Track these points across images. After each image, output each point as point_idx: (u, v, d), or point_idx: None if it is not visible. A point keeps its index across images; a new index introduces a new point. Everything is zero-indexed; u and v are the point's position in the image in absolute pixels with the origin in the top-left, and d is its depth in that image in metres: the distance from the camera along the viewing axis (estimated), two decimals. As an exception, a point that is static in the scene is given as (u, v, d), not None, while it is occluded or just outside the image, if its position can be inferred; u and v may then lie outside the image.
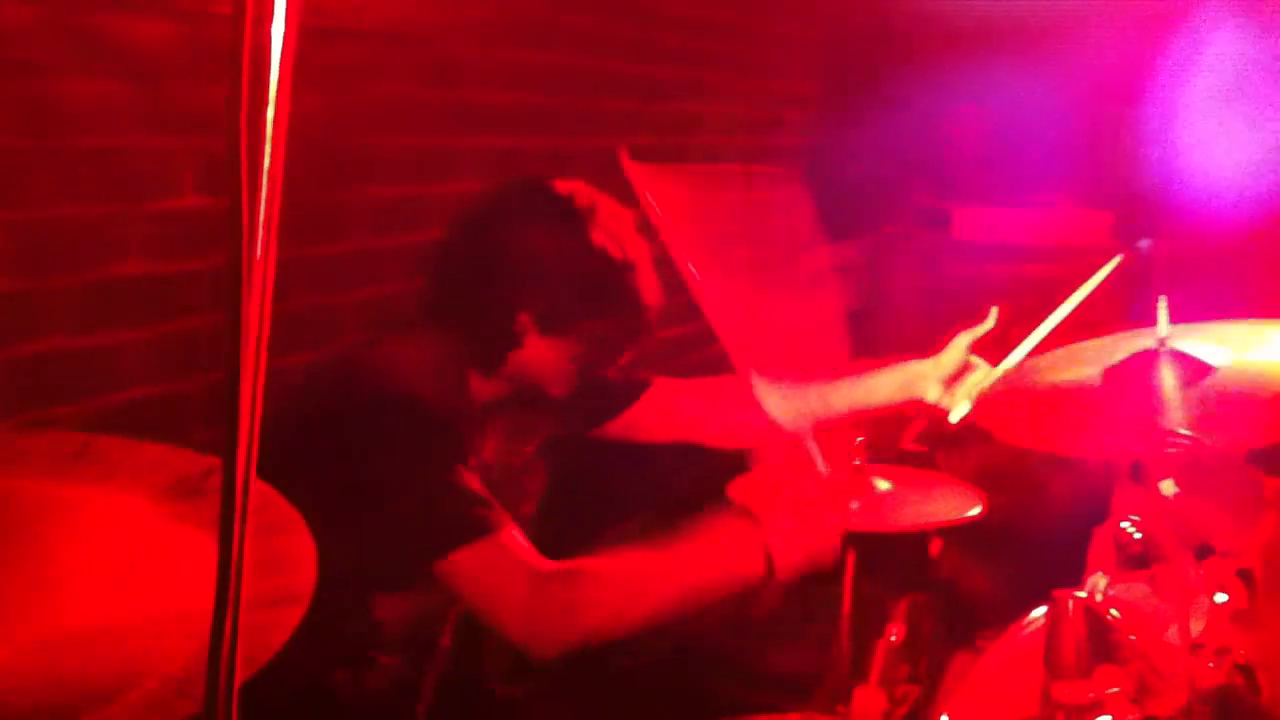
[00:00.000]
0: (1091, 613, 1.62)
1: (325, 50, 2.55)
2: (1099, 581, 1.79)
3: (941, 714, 1.97)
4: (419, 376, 2.01)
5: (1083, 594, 1.63)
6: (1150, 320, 1.94)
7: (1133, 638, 1.67)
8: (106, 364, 2.26)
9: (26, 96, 2.08)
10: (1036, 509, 4.38)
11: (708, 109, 4.47)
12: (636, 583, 1.99)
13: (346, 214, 2.73)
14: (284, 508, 1.17)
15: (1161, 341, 1.91)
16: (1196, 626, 1.68)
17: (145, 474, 1.18)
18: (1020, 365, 2.23)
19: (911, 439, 3.57)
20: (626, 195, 2.11)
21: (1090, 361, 1.97)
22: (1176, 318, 1.95)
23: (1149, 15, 5.05)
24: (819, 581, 2.38)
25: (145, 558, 1.17)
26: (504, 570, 1.89)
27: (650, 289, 2.15)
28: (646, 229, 2.17)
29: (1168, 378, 1.91)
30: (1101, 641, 1.63)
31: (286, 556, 1.17)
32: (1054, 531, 4.40)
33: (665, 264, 2.13)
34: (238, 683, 0.91)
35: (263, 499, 1.05)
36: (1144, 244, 4.78)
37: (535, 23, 3.44)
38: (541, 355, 2.10)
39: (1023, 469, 4.49)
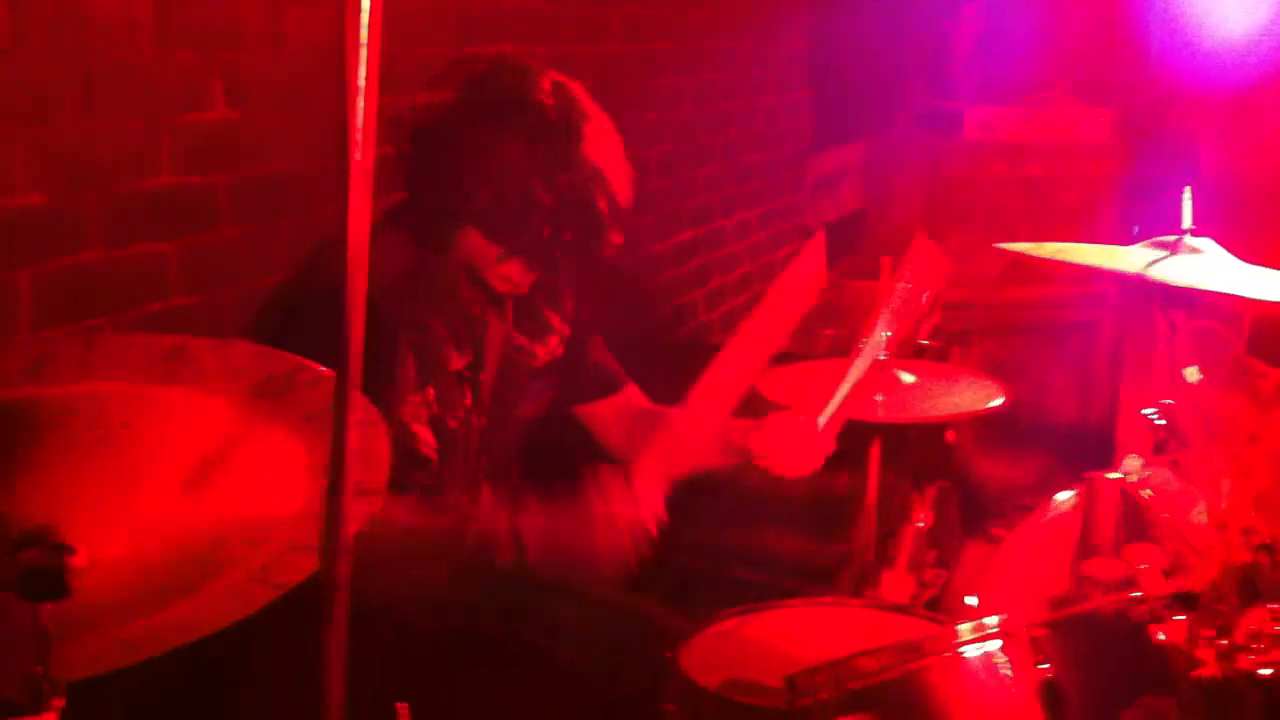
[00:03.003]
0: (1126, 493, 1.68)
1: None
2: (1133, 463, 1.85)
3: (967, 595, 2.03)
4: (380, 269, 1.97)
5: (1117, 475, 1.69)
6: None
7: (1166, 516, 1.74)
8: (140, 276, 2.29)
9: (51, 15, 2.09)
10: (1043, 400, 4.46)
11: (708, 13, 4.45)
12: None
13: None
14: (366, 405, 1.20)
15: (1186, 232, 1.96)
16: (1222, 507, 1.75)
17: (235, 375, 1.22)
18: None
19: (927, 334, 3.62)
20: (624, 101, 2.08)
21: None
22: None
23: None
24: (841, 472, 2.45)
25: (232, 458, 1.22)
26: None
27: (609, 190, 2.05)
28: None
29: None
30: (1136, 520, 1.69)
31: (367, 452, 1.21)
32: (1058, 420, 4.50)
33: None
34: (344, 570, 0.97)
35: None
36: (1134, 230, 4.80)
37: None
38: (473, 242, 2.06)
39: (1028, 362, 4.57)
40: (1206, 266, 1.90)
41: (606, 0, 3.78)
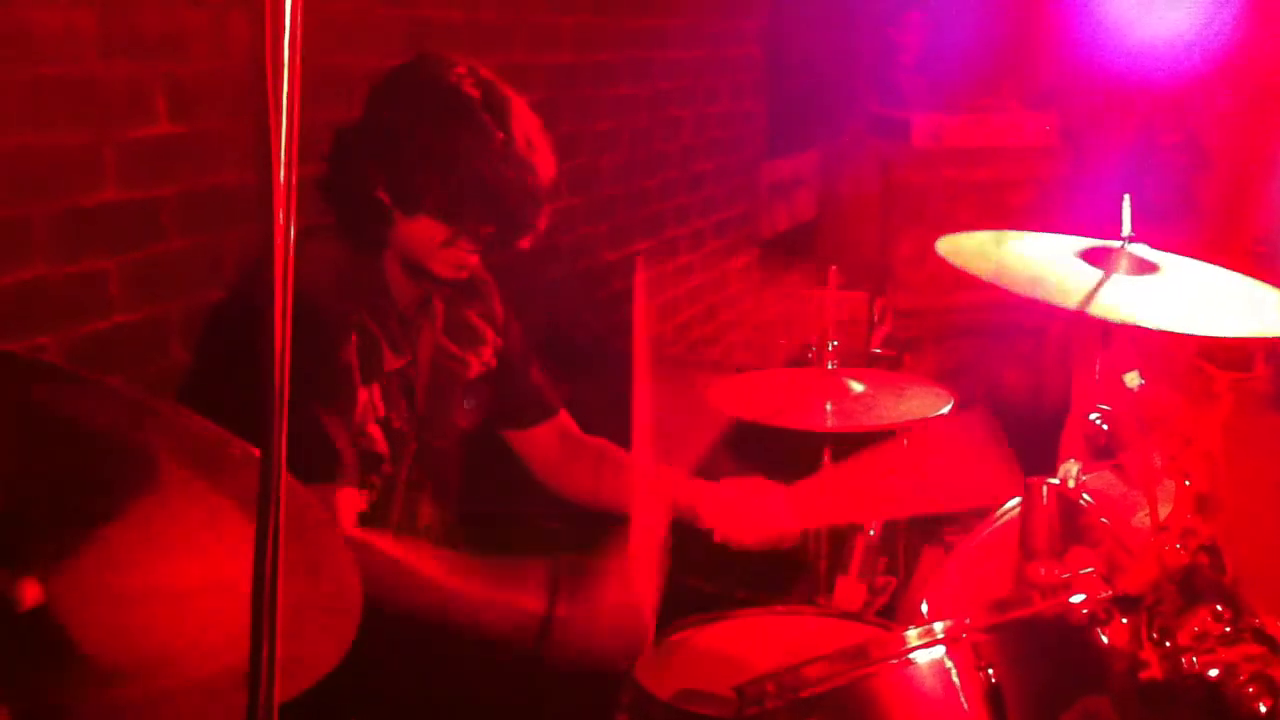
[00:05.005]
0: (1064, 498, 1.70)
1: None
2: (1071, 468, 1.87)
3: (921, 601, 2.05)
4: (320, 272, 2.00)
5: (1055, 480, 1.71)
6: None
7: (1104, 520, 1.76)
8: (84, 292, 2.28)
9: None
10: (995, 405, 4.50)
11: (660, 21, 4.47)
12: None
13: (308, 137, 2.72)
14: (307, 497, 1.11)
15: (1127, 239, 1.98)
16: (1163, 510, 1.77)
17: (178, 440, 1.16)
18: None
19: (879, 343, 3.65)
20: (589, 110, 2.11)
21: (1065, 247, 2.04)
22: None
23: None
24: (794, 481, 2.46)
25: (194, 532, 1.14)
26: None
27: (525, 168, 2.04)
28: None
29: (1125, 269, 1.98)
30: (1074, 525, 1.71)
31: (321, 564, 1.14)
32: (1013, 425, 4.53)
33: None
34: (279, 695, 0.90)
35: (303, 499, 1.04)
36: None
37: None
38: (410, 235, 2.06)
39: (977, 366, 4.61)
40: (1146, 292, 1.92)
41: (558, 10, 3.78)
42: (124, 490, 1.10)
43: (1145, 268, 1.99)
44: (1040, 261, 2.00)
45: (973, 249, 2.07)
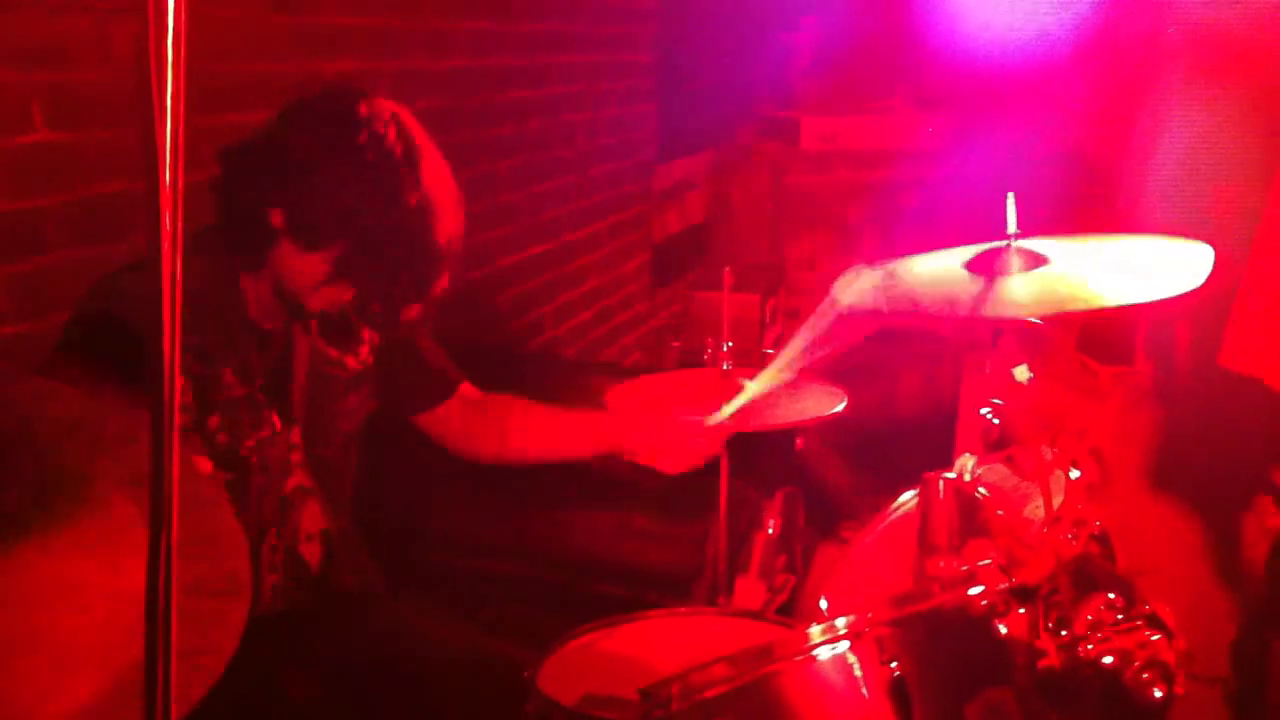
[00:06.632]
0: (960, 491, 1.73)
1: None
2: (966, 462, 1.90)
3: (820, 597, 2.07)
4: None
5: (951, 475, 1.74)
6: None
7: (1000, 513, 1.79)
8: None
9: None
10: (889, 402, 4.57)
11: (555, 27, 4.46)
12: None
13: (200, 143, 2.67)
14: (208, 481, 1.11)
15: (1011, 237, 2.01)
16: (1055, 501, 1.81)
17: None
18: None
19: (770, 343, 3.68)
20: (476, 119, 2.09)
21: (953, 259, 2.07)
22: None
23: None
24: (691, 481, 2.47)
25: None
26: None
27: (435, 225, 1.99)
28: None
29: (1015, 268, 2.02)
30: (971, 518, 1.74)
31: (221, 537, 1.11)
32: (905, 422, 4.61)
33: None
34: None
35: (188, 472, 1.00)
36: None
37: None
38: (291, 265, 2.00)
39: (875, 365, 4.68)
40: (1035, 282, 1.96)
41: (451, 16, 3.76)
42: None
43: (1035, 261, 2.02)
44: (934, 277, 2.03)
45: (867, 287, 2.10)
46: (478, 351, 2.63)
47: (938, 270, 2.04)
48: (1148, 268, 1.95)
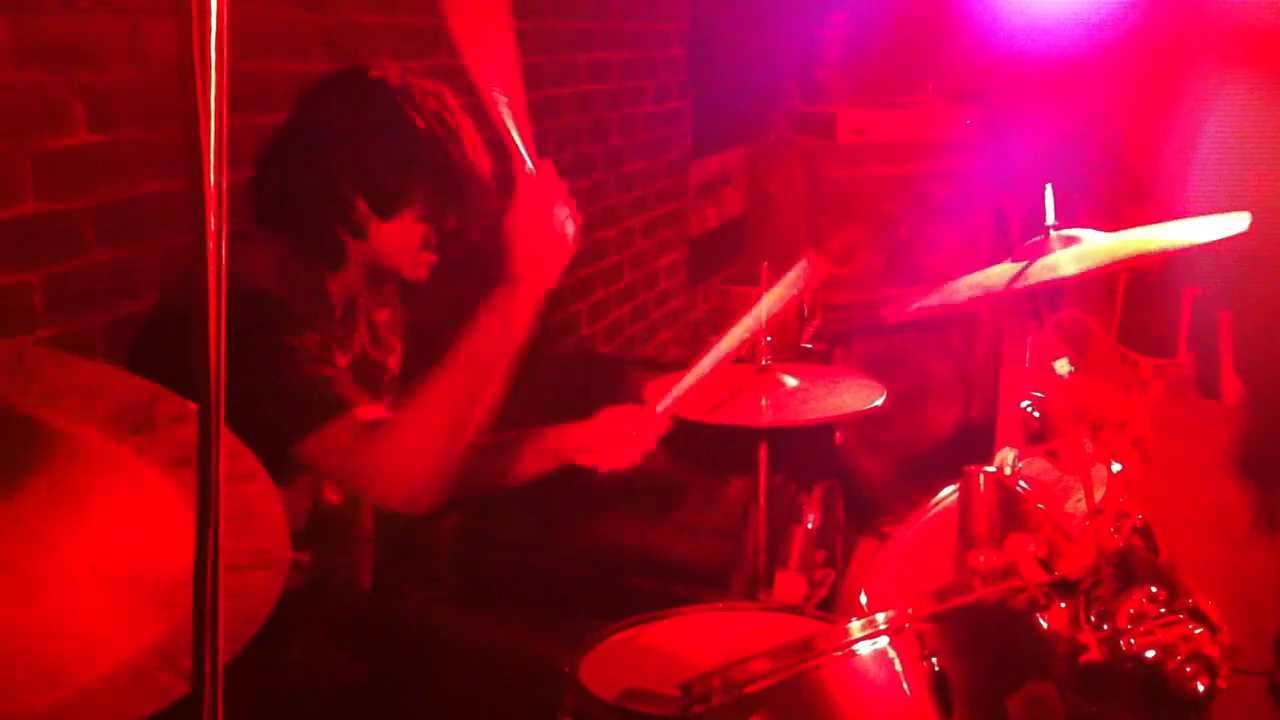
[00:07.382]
0: (1001, 485, 1.72)
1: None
2: (1007, 455, 1.89)
3: (860, 591, 2.06)
4: (267, 272, 1.99)
5: (992, 468, 1.73)
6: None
7: (1041, 506, 1.78)
8: (8, 305, 2.22)
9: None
10: (923, 396, 4.55)
11: (588, 25, 4.46)
12: (430, 401, 1.97)
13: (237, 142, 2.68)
14: (242, 452, 1.12)
15: (1050, 228, 2.00)
16: (1096, 494, 1.79)
17: (89, 399, 1.13)
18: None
19: (809, 337, 3.67)
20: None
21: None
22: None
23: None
24: (730, 477, 2.47)
25: (111, 502, 1.09)
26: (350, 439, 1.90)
27: (478, 158, 2.11)
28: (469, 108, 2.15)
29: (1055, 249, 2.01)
30: (1011, 511, 1.73)
31: (255, 514, 1.11)
32: (940, 417, 4.59)
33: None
34: (222, 659, 0.89)
35: (229, 448, 1.01)
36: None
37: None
38: (389, 241, 2.07)
39: (908, 359, 4.66)
40: (1072, 254, 1.95)
41: (480, 13, 3.76)
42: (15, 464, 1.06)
43: (1073, 242, 2.01)
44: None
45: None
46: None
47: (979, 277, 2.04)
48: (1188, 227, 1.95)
